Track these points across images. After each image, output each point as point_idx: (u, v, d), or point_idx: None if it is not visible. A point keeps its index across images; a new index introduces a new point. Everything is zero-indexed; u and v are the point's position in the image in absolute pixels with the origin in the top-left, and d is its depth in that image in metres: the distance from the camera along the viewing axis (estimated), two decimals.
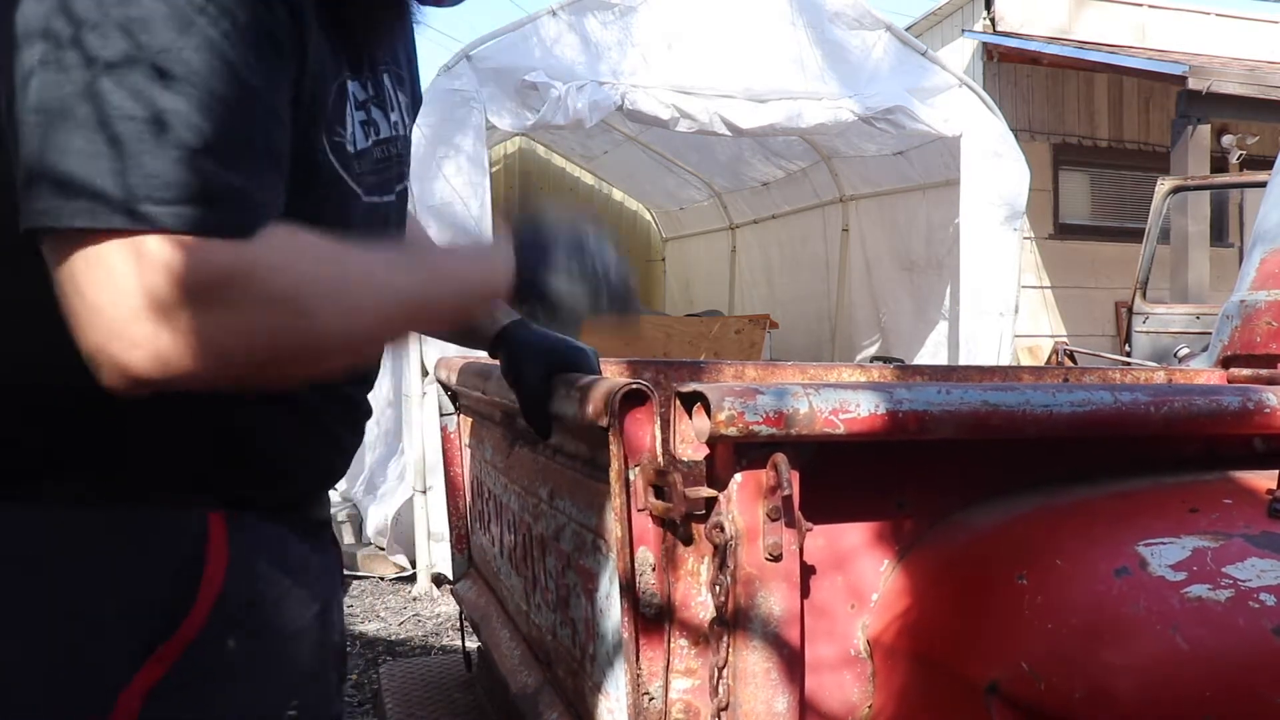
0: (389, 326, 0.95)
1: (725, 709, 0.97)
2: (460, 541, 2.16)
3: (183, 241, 0.77)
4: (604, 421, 1.00)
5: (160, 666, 0.91)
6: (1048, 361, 6.32)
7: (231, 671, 0.95)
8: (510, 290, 1.07)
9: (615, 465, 0.99)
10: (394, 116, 1.11)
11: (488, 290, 1.06)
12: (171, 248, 0.77)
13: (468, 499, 2.14)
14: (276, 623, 0.99)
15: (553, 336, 1.28)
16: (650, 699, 1.01)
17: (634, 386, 0.99)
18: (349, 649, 3.97)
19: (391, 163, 1.09)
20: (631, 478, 0.99)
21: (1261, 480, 1.07)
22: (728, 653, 0.97)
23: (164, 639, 0.91)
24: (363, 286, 0.89)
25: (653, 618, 1.01)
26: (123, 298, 0.76)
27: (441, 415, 2.16)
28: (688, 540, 1.00)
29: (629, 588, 1.00)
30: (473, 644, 2.08)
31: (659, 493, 0.99)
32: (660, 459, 1.00)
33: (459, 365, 1.93)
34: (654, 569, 1.00)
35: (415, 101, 1.21)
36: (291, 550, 1.02)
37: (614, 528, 1.01)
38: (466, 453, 2.14)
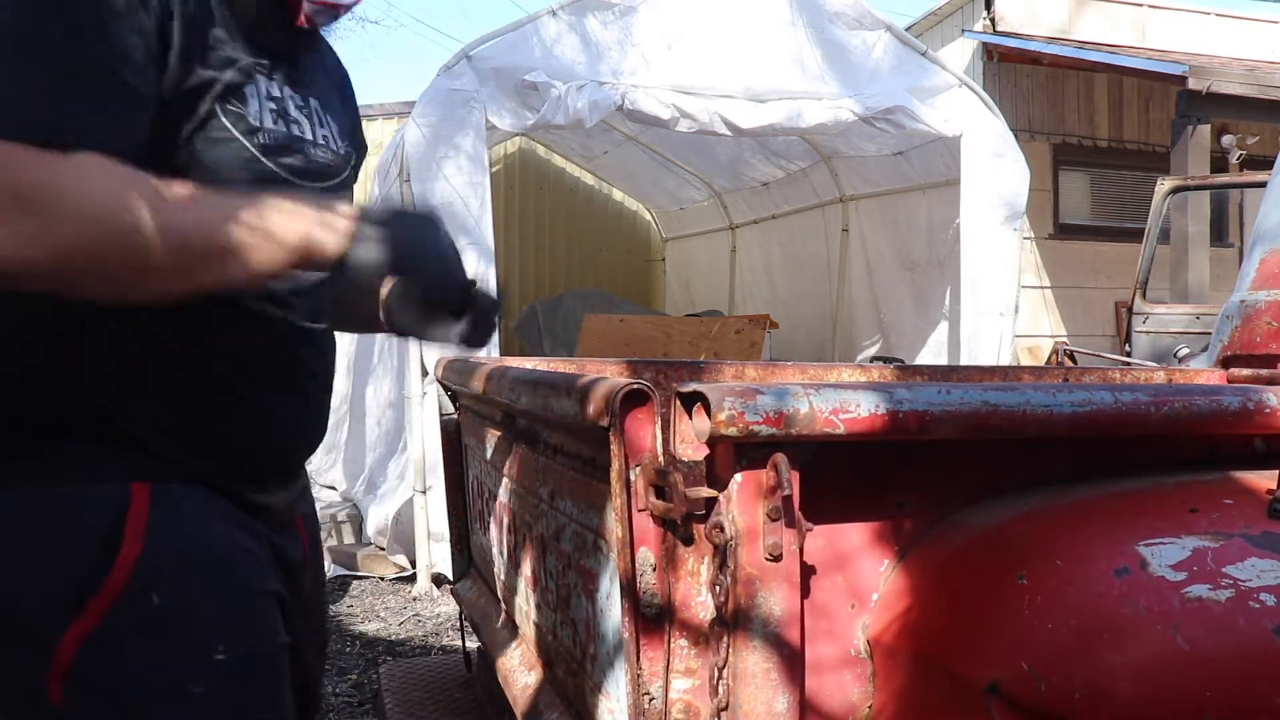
0: (206, 254, 1.00)
1: (725, 709, 0.97)
2: (460, 541, 2.17)
3: (14, 146, 0.91)
4: (605, 421, 1.00)
5: (91, 619, 1.06)
6: (1048, 361, 6.32)
7: (156, 622, 1.08)
8: (361, 262, 1.06)
9: (616, 465, 0.99)
10: (321, 131, 1.27)
11: (316, 241, 1.04)
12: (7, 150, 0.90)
13: (470, 499, 2.14)
14: (201, 576, 1.11)
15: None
16: (651, 699, 1.01)
17: (635, 386, 0.99)
18: (348, 649, 3.97)
19: (320, 156, 1.25)
20: (632, 478, 0.99)
21: (1261, 480, 1.07)
22: (727, 653, 0.97)
23: (91, 595, 1.05)
24: (176, 212, 0.96)
25: (653, 618, 1.00)
26: None
27: (442, 415, 2.16)
28: (688, 540, 1.00)
29: (630, 588, 1.00)
30: (473, 644, 2.08)
31: (659, 493, 0.99)
32: (661, 459, 1.00)
33: (460, 365, 1.93)
34: (654, 569, 1.00)
35: (356, 143, 1.38)
36: (214, 508, 1.14)
37: (615, 528, 1.01)
38: (467, 453, 2.14)
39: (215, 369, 1.16)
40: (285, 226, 1.02)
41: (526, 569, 1.59)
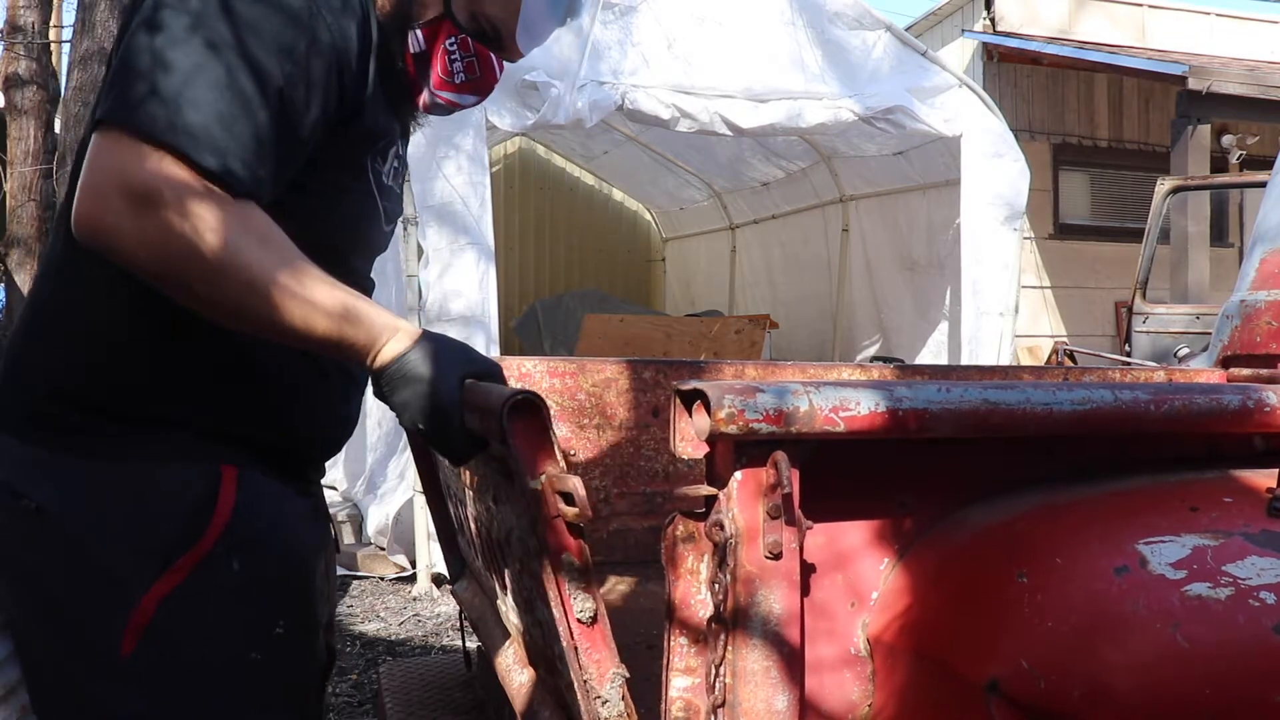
0: (280, 324, 1.14)
1: (721, 705, 0.97)
2: (450, 543, 2.16)
3: (191, 171, 1.07)
4: (497, 435, 1.00)
5: (175, 578, 1.18)
6: (1048, 361, 6.32)
7: (232, 589, 1.21)
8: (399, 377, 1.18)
9: (516, 478, 0.99)
10: (400, 181, 1.47)
11: (362, 351, 1.17)
12: (183, 169, 1.07)
13: (446, 501, 2.14)
14: (273, 555, 1.25)
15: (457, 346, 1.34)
16: (604, 702, 1.01)
17: (521, 398, 0.98)
18: (348, 649, 3.96)
19: (396, 206, 1.45)
20: (537, 486, 0.99)
21: (1261, 479, 1.07)
22: (726, 651, 0.97)
23: (179, 557, 1.18)
24: (279, 286, 1.11)
25: (589, 622, 1.01)
26: (133, 175, 1.06)
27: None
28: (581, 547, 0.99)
29: (557, 595, 1.01)
30: (473, 644, 2.08)
31: (569, 499, 0.99)
32: (562, 462, 1.00)
33: None
34: (580, 573, 1.00)
35: (405, 175, 1.62)
36: (288, 500, 1.29)
37: (530, 538, 1.01)
38: (434, 455, 2.13)
39: (289, 371, 1.30)
40: (352, 335, 1.15)
41: (495, 572, 1.59)
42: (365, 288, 1.44)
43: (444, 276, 4.63)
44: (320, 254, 1.22)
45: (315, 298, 1.13)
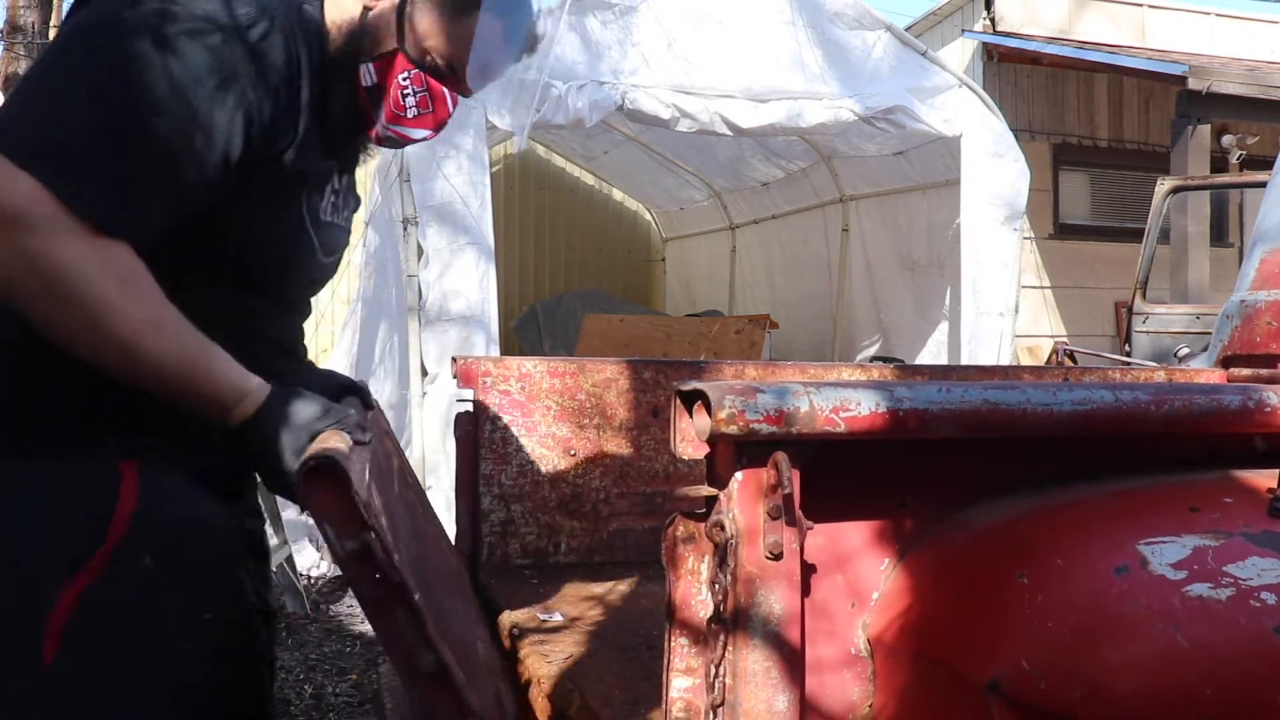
0: (137, 371, 1.17)
1: (721, 705, 0.97)
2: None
3: (60, 204, 1.08)
4: (300, 500, 0.98)
5: (88, 577, 1.18)
6: (1048, 361, 6.32)
7: (149, 583, 1.21)
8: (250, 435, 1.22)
9: (329, 546, 0.97)
10: (346, 212, 1.51)
11: (218, 409, 1.21)
12: (51, 200, 1.08)
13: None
14: (183, 548, 1.25)
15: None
16: None
17: (314, 464, 0.96)
18: (348, 649, 3.96)
19: (340, 238, 1.48)
20: (349, 548, 0.97)
21: (1262, 479, 1.07)
22: (725, 651, 0.97)
23: (89, 557, 1.19)
24: (130, 330, 1.12)
25: (434, 674, 0.99)
26: (3, 195, 1.07)
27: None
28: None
29: (396, 650, 1.00)
30: None
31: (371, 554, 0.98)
32: (365, 514, 0.97)
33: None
34: (413, 628, 0.98)
35: (356, 206, 1.59)
36: (195, 489, 1.29)
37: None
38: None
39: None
40: (202, 390, 1.18)
41: None
42: (300, 314, 1.48)
43: (444, 276, 4.63)
44: (248, 283, 1.30)
45: (166, 349, 1.15)
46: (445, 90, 1.41)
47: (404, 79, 1.38)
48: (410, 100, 1.39)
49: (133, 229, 1.14)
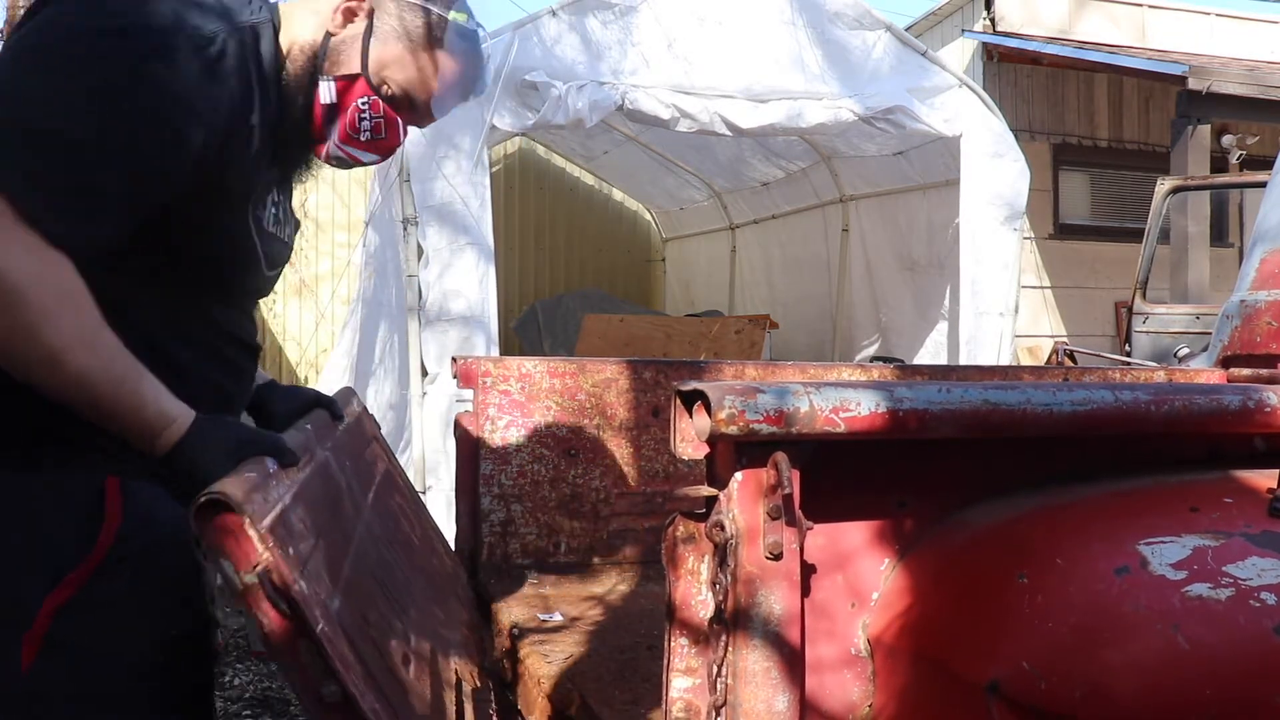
0: (63, 385, 1.17)
1: (722, 706, 0.97)
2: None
3: (10, 212, 1.10)
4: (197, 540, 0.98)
5: (67, 591, 1.20)
6: (1048, 361, 6.32)
7: (129, 597, 1.23)
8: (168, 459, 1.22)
9: (226, 581, 0.97)
10: (288, 229, 1.54)
11: (143, 435, 1.21)
12: (3, 208, 1.09)
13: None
14: (162, 562, 1.25)
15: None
16: None
17: (203, 500, 0.96)
18: None
19: (283, 251, 1.51)
20: (248, 580, 0.96)
21: (1262, 479, 1.07)
22: (726, 651, 0.97)
23: (71, 570, 1.20)
24: (59, 342, 1.13)
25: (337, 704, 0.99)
26: None
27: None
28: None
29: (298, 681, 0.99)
30: None
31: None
32: (264, 556, 0.96)
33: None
34: (315, 659, 0.98)
35: (297, 226, 1.62)
36: (168, 504, 1.27)
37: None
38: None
39: (163, 359, 1.29)
40: (128, 413, 1.18)
41: None
42: (244, 326, 1.49)
43: (444, 276, 4.63)
44: (204, 287, 1.33)
45: (94, 367, 1.15)
46: (399, 120, 1.46)
47: (363, 103, 1.42)
48: (365, 124, 1.43)
49: (82, 241, 1.16)
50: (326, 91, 1.41)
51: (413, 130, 1.58)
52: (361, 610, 1.20)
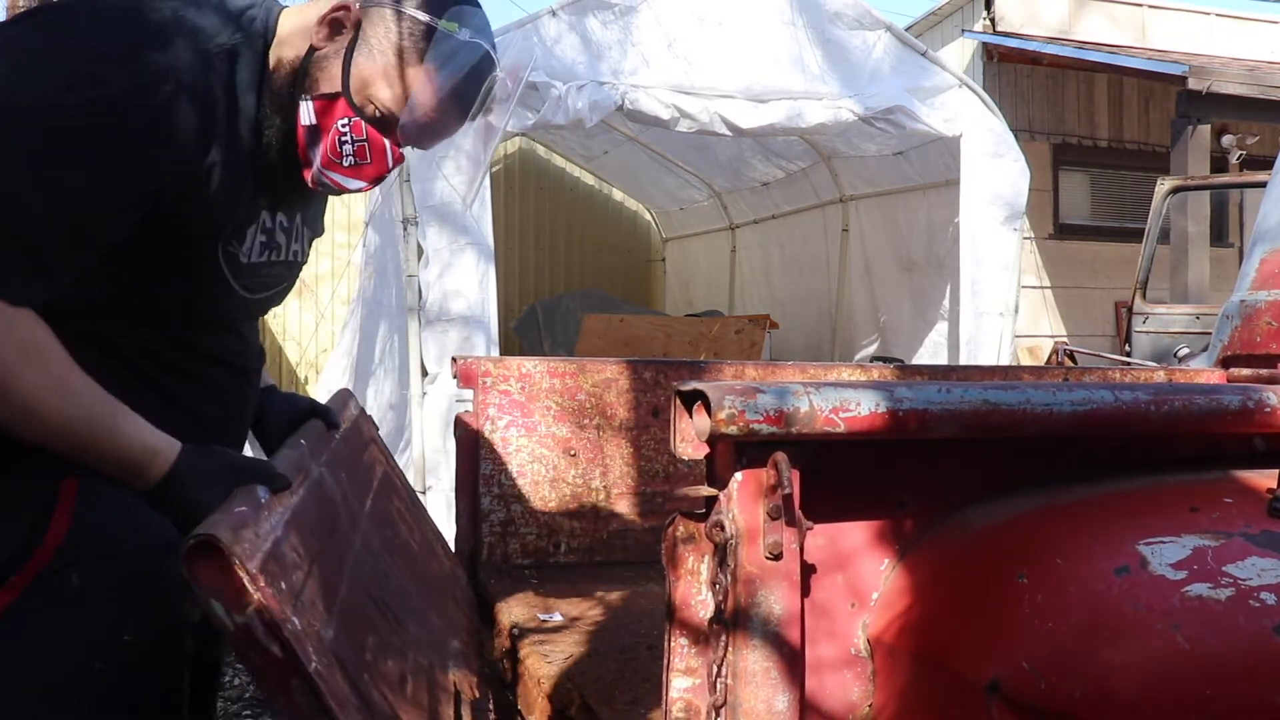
0: (42, 434, 1.17)
1: (723, 706, 0.97)
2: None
3: None
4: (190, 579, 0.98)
5: (11, 593, 1.19)
6: (1048, 361, 6.32)
7: (70, 602, 1.20)
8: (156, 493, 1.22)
9: (219, 621, 0.97)
10: (295, 246, 1.47)
11: (130, 471, 1.20)
12: None
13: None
14: (119, 562, 1.23)
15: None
16: None
17: (193, 542, 0.95)
18: None
19: (279, 273, 1.45)
20: (240, 621, 0.96)
21: (1262, 479, 1.07)
22: (726, 651, 0.97)
23: (14, 573, 1.19)
24: (32, 396, 1.13)
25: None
26: None
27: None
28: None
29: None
30: None
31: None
32: (256, 595, 0.95)
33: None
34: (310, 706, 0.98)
35: (317, 233, 1.57)
36: (140, 506, 1.24)
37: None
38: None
39: (129, 394, 1.25)
40: (113, 452, 1.18)
41: None
42: (242, 336, 1.46)
43: (444, 276, 4.63)
44: (163, 321, 1.30)
45: (70, 413, 1.15)
46: (386, 144, 1.35)
47: (343, 125, 1.32)
48: (348, 148, 1.33)
49: (37, 294, 1.14)
50: (306, 112, 1.31)
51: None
52: (357, 635, 1.19)
